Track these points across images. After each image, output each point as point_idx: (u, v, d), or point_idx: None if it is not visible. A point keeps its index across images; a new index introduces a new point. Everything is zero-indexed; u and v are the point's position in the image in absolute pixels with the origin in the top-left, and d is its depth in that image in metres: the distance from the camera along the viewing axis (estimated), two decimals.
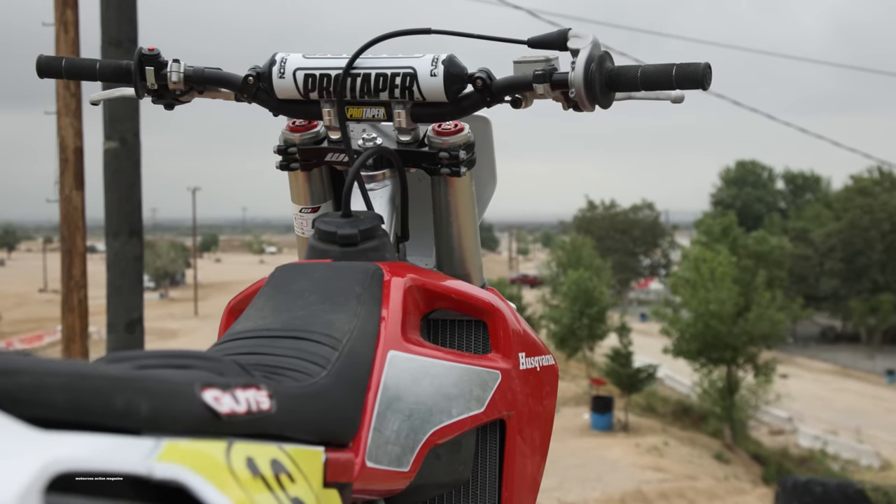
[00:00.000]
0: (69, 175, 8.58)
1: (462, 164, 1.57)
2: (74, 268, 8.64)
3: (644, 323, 52.13)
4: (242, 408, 0.92)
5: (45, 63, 1.74)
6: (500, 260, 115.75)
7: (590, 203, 72.75)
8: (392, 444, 1.24)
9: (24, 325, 51.68)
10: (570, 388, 32.73)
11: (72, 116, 8.54)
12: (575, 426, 26.50)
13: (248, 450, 0.92)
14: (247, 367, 1.02)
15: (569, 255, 44.99)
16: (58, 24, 8.53)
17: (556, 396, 1.71)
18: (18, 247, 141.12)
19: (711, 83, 1.46)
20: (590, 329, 33.17)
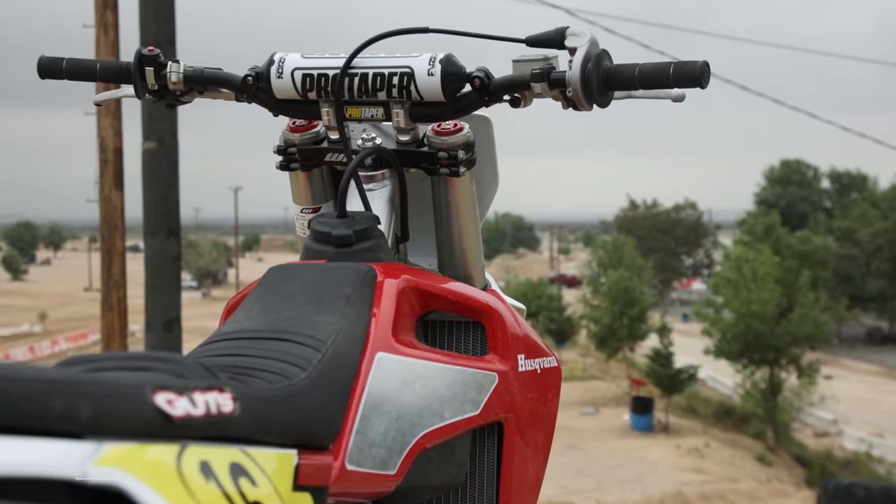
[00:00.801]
0: (109, 175, 8.67)
1: (461, 164, 1.56)
2: (114, 267, 8.72)
3: (686, 323, 51.73)
4: (200, 411, 0.90)
5: (46, 64, 1.74)
6: (541, 260, 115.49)
7: (631, 202, 72.31)
8: (377, 446, 1.22)
9: (70, 323, 52.38)
10: (611, 388, 32.59)
11: (111, 117, 8.63)
12: (615, 427, 26.36)
13: (203, 453, 0.90)
14: (212, 370, 1.00)
15: (610, 255, 44.78)
16: (98, 25, 8.63)
17: (558, 398, 1.69)
18: (64, 246, 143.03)
19: (709, 82, 1.43)
20: (630, 329, 32.97)
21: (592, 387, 33.22)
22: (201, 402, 0.91)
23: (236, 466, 0.94)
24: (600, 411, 28.68)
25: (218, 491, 0.90)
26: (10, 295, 74.13)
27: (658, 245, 67.12)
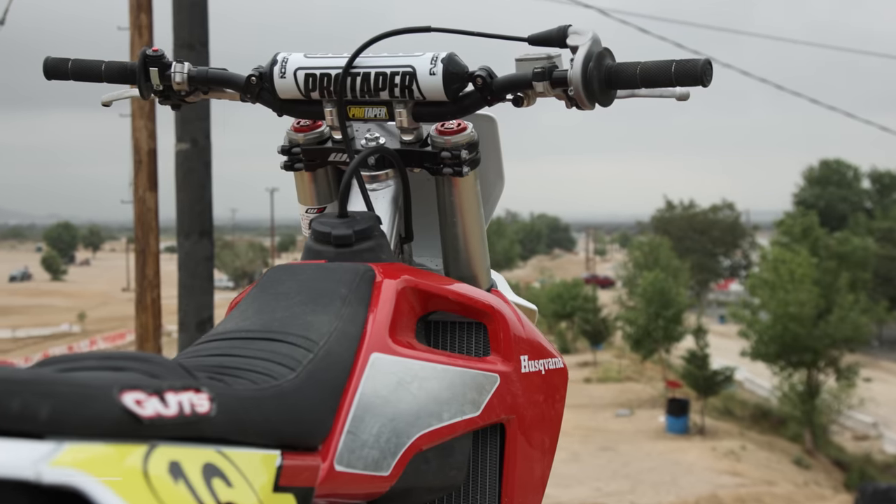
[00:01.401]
0: (143, 176, 8.74)
1: (464, 163, 1.55)
2: (148, 267, 8.79)
3: (723, 325, 51.33)
4: (172, 411, 0.90)
5: (52, 64, 1.75)
6: (577, 260, 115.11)
7: (668, 203, 71.88)
8: (370, 447, 1.22)
9: (108, 323, 52.89)
10: (646, 390, 32.40)
11: (146, 119, 8.70)
12: (650, 429, 26.20)
13: (174, 454, 0.90)
14: (191, 370, 1.00)
15: (646, 256, 44.55)
16: (132, 28, 8.72)
17: (564, 400, 1.67)
18: (103, 247, 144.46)
19: (712, 80, 1.41)
20: (666, 331, 32.77)
21: (627, 388, 33.05)
22: (174, 402, 0.91)
23: (210, 467, 0.94)
24: (635, 413, 28.52)
25: (187, 492, 0.89)
26: (50, 295, 74.98)
27: (695, 246, 66.64)
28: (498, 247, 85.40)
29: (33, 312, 62.20)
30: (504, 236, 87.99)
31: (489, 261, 1.70)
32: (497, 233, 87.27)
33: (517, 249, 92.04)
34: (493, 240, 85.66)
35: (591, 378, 34.85)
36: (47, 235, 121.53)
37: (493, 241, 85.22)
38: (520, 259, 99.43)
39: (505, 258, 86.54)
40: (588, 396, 31.12)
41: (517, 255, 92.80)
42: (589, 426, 26.06)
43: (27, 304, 68.68)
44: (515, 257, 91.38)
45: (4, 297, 72.09)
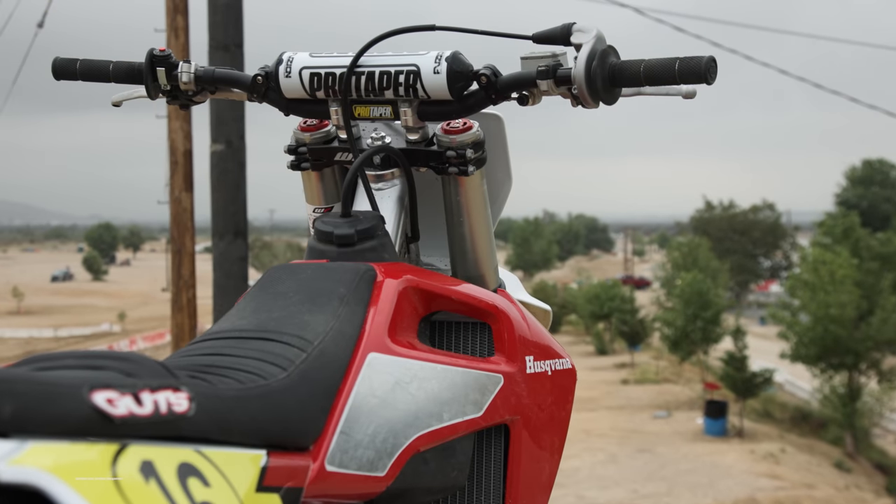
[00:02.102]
0: (179, 177, 8.81)
1: (470, 162, 1.54)
2: (184, 268, 8.86)
3: (763, 327, 50.90)
4: (146, 410, 0.89)
5: (61, 65, 1.75)
6: (615, 261, 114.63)
7: (707, 203, 71.41)
8: (364, 448, 1.21)
9: (148, 323, 53.39)
10: (684, 392, 32.17)
11: (182, 120, 8.76)
12: (687, 431, 25.99)
13: (147, 453, 0.89)
14: (172, 369, 1.00)
15: (684, 257, 44.25)
16: (169, 29, 8.80)
17: (571, 400, 1.66)
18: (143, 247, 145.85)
19: (716, 77, 1.39)
20: (704, 332, 32.52)
21: (665, 390, 32.83)
22: (149, 401, 0.90)
23: (187, 467, 0.93)
24: (673, 415, 28.31)
25: (158, 491, 0.88)
26: (91, 295, 75.84)
27: (735, 247, 66.16)
28: (535, 247, 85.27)
29: (75, 312, 62.97)
30: (542, 237, 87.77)
31: (497, 260, 1.69)
32: (535, 233, 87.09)
33: (555, 250, 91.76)
34: (530, 240, 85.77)
35: (629, 379, 34.67)
36: (88, 236, 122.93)
37: (531, 242, 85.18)
38: (558, 260, 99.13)
39: (542, 259, 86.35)
40: (625, 398, 30.96)
41: (555, 255, 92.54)
42: (626, 428, 25.92)
43: (69, 303, 69.53)
44: (553, 258, 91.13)
45: (47, 296, 73.03)
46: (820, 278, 29.54)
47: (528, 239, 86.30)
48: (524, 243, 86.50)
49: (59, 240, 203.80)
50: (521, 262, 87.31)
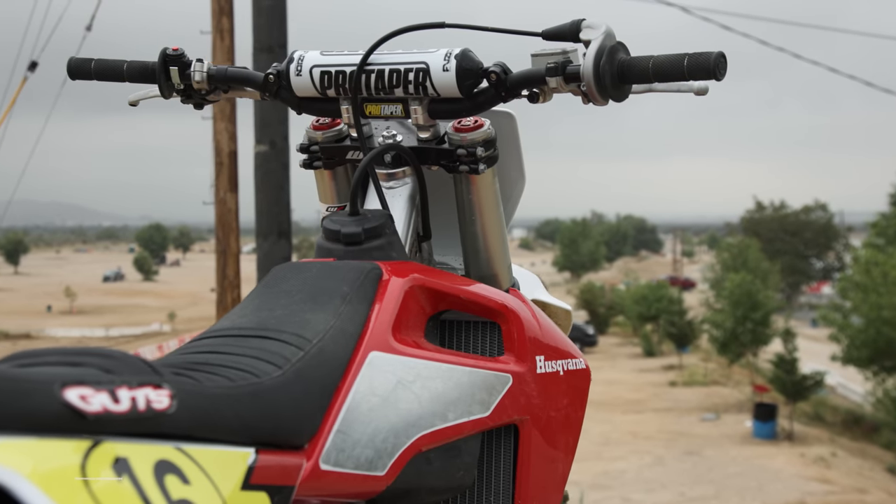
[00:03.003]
0: (224, 178, 8.88)
1: (481, 161, 1.52)
2: (228, 268, 8.93)
3: (815, 329, 50.23)
4: (123, 407, 0.89)
5: (76, 65, 1.76)
6: (664, 262, 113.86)
7: (758, 204, 70.74)
8: (363, 447, 1.20)
9: (197, 323, 53.92)
10: (733, 394, 31.86)
11: (226, 121, 8.83)
12: (736, 434, 25.72)
13: (121, 450, 0.89)
14: (157, 367, 0.99)
15: (734, 258, 43.85)
16: (214, 31, 8.88)
17: (584, 401, 1.65)
18: (192, 247, 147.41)
19: (726, 73, 1.37)
20: (753, 334, 32.19)
21: (714, 392, 32.53)
22: (126, 398, 0.90)
23: (164, 464, 0.93)
24: (721, 417, 28.03)
25: (131, 488, 0.88)
26: (142, 295, 76.82)
27: (786, 248, 65.47)
28: (583, 248, 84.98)
29: (126, 312, 63.83)
30: (589, 238, 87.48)
31: (510, 259, 1.68)
32: (582, 234, 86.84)
33: (603, 251, 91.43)
34: (578, 241, 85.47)
35: (677, 381, 34.40)
36: (139, 237, 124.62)
37: (579, 243, 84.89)
38: (605, 261, 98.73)
39: (590, 260, 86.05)
40: (673, 400, 30.73)
41: (603, 256, 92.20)
42: (673, 430, 25.72)
43: (120, 303, 70.48)
44: (601, 259, 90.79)
45: (98, 296, 74.09)
46: (872, 280, 29.08)
47: (575, 240, 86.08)
48: (572, 244, 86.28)
49: (110, 240, 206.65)
50: (569, 262, 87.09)
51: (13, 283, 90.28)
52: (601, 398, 30.34)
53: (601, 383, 33.58)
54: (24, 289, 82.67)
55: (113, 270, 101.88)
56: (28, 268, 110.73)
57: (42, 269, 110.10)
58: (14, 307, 65.07)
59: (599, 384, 33.23)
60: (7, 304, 65.55)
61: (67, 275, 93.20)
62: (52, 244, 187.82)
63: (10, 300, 70.12)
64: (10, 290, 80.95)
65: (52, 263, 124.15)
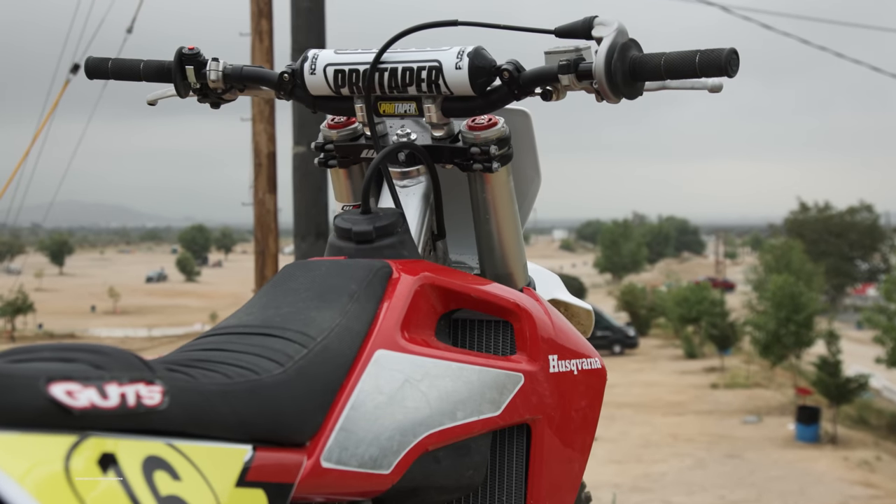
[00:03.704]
0: (262, 179, 8.93)
1: (494, 159, 1.52)
2: (267, 269, 8.97)
3: (861, 331, 49.58)
4: (111, 402, 0.89)
5: (93, 64, 1.77)
6: (706, 264, 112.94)
7: (802, 205, 69.96)
8: (368, 445, 1.19)
9: None
10: (775, 397, 31.54)
11: (265, 122, 8.88)
12: (778, 437, 25.46)
13: (109, 446, 0.89)
14: (150, 363, 0.99)
15: (777, 259, 43.42)
16: (253, 33, 8.92)
17: (600, 401, 1.64)
18: (234, 248, 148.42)
19: (738, 70, 1.36)
20: (796, 336, 31.83)
21: (756, 395, 32.22)
22: (115, 393, 0.90)
23: (154, 460, 0.92)
24: (763, 420, 27.76)
25: (116, 483, 0.88)
26: (184, 296, 77.51)
27: (830, 249, 64.69)
28: (624, 250, 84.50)
29: (168, 312, 64.42)
30: (631, 239, 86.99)
31: (526, 258, 1.67)
32: (624, 235, 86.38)
33: (644, 252, 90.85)
34: (619, 242, 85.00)
35: (718, 384, 34.10)
36: (182, 238, 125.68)
37: (620, 244, 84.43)
38: (647, 262, 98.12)
39: (631, 261, 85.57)
40: (714, 402, 30.47)
41: (644, 258, 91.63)
42: (714, 432, 25.51)
43: (163, 304, 71.15)
44: (643, 260, 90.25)
45: (141, 297, 74.86)
46: None
47: (616, 241, 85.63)
48: (613, 246, 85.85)
49: (153, 241, 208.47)
50: (610, 264, 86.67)
51: (59, 283, 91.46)
52: (641, 400, 30.17)
53: (642, 385, 33.39)
54: (69, 289, 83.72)
55: (156, 271, 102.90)
56: (73, 268, 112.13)
57: (87, 269, 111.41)
58: (59, 307, 65.93)
59: (640, 386, 33.05)
60: (52, 305, 66.42)
61: (111, 275, 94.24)
62: (96, 245, 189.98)
63: (55, 300, 71.06)
64: (56, 290, 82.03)
65: (97, 264, 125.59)
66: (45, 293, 75.23)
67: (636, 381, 34.34)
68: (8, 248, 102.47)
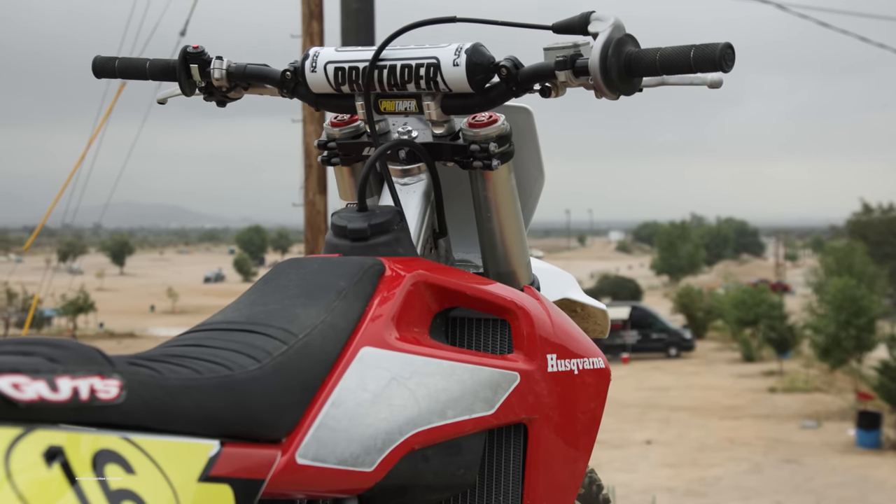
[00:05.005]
0: (313, 180, 8.98)
1: (494, 157, 1.51)
2: None
3: None
4: (62, 396, 0.89)
5: (101, 63, 1.80)
6: (766, 266, 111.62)
7: (865, 206, 68.80)
8: (349, 442, 1.19)
9: None
10: (835, 401, 31.04)
11: (316, 123, 8.92)
12: (838, 442, 25.05)
13: (56, 438, 0.89)
14: (112, 357, 0.99)
15: (838, 262, 42.76)
16: (304, 35, 9.00)
17: (602, 401, 1.62)
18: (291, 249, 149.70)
19: (734, 65, 1.35)
20: (857, 340, 31.31)
21: (815, 399, 31.73)
22: (67, 387, 0.90)
23: (107, 453, 0.92)
24: (822, 425, 27.33)
25: (61, 476, 0.87)
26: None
27: (894, 251, 63.55)
28: (682, 251, 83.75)
29: None
30: (688, 240, 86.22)
31: (529, 257, 1.66)
32: (681, 237, 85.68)
33: (702, 254, 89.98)
34: (676, 244, 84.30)
35: (776, 388, 33.65)
36: (239, 238, 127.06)
37: (677, 246, 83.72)
38: (705, 264, 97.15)
39: (689, 263, 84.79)
40: (771, 406, 30.08)
41: (702, 260, 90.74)
42: (771, 437, 25.17)
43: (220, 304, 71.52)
44: (700, 262, 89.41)
45: (199, 297, 75.80)
46: None
47: (674, 243, 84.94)
48: (670, 247, 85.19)
49: (211, 242, 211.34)
50: (667, 266, 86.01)
51: (119, 283, 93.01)
52: (697, 403, 29.89)
53: (697, 388, 33.07)
54: (128, 289, 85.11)
55: (214, 271, 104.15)
56: (133, 268, 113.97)
57: (146, 269, 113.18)
58: (119, 307, 66.99)
59: (696, 389, 32.74)
60: (112, 304, 67.54)
61: (170, 275, 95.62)
62: (156, 245, 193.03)
63: (115, 300, 72.25)
64: (116, 290, 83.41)
65: (156, 264, 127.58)
66: (105, 293, 76.57)
67: (692, 385, 34.02)
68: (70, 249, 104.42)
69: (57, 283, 27.37)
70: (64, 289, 49.02)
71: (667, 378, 35.92)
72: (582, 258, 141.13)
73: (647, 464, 21.88)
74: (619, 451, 23.07)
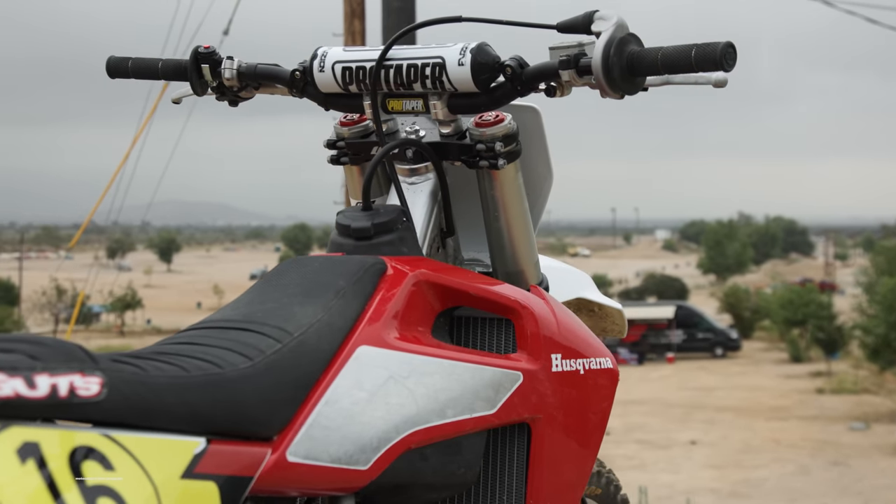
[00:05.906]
0: None
1: (500, 156, 1.51)
2: None
3: None
4: (39, 392, 0.89)
5: (114, 63, 1.81)
6: (815, 265, 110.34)
7: None
8: (342, 440, 1.19)
9: None
10: (885, 403, 30.60)
11: None
12: (887, 444, 24.67)
13: (32, 435, 0.89)
14: (95, 355, 0.99)
15: (890, 262, 42.13)
16: (346, 34, 9.02)
17: (609, 401, 1.61)
18: None
19: (735, 64, 1.34)
20: None
21: (864, 401, 31.31)
22: (45, 384, 0.90)
23: (85, 450, 0.92)
24: (871, 427, 26.94)
25: (35, 472, 0.87)
26: None
27: None
28: (729, 250, 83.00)
29: None
30: (736, 239, 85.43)
31: (537, 256, 1.65)
32: (728, 236, 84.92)
33: (750, 253, 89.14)
34: (723, 243, 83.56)
35: (824, 389, 33.26)
36: (285, 236, 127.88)
37: (724, 245, 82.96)
38: (753, 263, 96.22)
39: (736, 262, 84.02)
40: (819, 408, 29.72)
41: (750, 259, 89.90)
42: (819, 439, 24.87)
43: None
44: (748, 261, 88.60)
45: None
46: None
47: (721, 242, 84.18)
48: (717, 246, 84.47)
49: (257, 239, 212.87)
50: (714, 265, 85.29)
51: (166, 280, 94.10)
52: (742, 404, 29.62)
53: (743, 389, 32.77)
54: (175, 286, 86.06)
55: (259, 269, 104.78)
56: (180, 266, 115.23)
57: (193, 266, 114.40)
58: (166, 303, 67.80)
59: (741, 390, 32.44)
60: (160, 301, 68.36)
61: (216, 273, 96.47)
62: (202, 243, 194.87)
63: (162, 297, 73.11)
64: (163, 286, 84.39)
65: (203, 262, 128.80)
66: (153, 289, 77.48)
67: (738, 385, 33.72)
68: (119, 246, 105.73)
69: (105, 280, 27.76)
70: (112, 285, 49.65)
71: (712, 378, 35.64)
72: (628, 257, 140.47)
73: (691, 464, 21.73)
74: (664, 451, 22.93)
